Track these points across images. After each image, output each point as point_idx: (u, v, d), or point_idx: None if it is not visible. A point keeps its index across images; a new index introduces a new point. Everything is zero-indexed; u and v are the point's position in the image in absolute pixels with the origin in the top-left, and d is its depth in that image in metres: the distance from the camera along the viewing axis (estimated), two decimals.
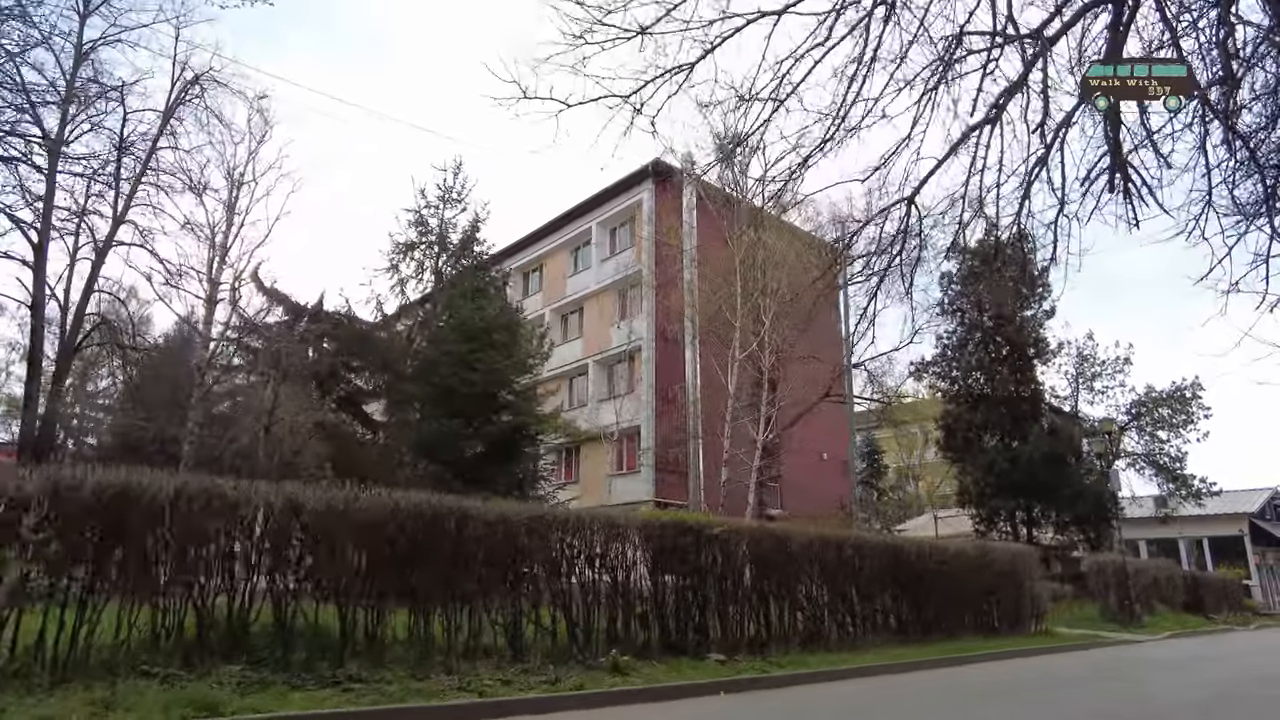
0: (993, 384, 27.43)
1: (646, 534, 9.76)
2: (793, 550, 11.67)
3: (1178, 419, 29.18)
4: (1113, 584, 20.27)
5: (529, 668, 8.14)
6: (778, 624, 11.22)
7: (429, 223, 22.80)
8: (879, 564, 12.91)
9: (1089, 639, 16.34)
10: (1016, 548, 16.61)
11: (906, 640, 12.97)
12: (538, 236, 43.41)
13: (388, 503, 7.58)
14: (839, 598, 12.26)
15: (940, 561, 14.03)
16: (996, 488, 26.37)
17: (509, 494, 14.02)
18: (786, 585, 11.50)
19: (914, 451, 49.50)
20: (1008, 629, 15.67)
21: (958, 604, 14.57)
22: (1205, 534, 35.72)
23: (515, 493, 14.88)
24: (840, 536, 12.46)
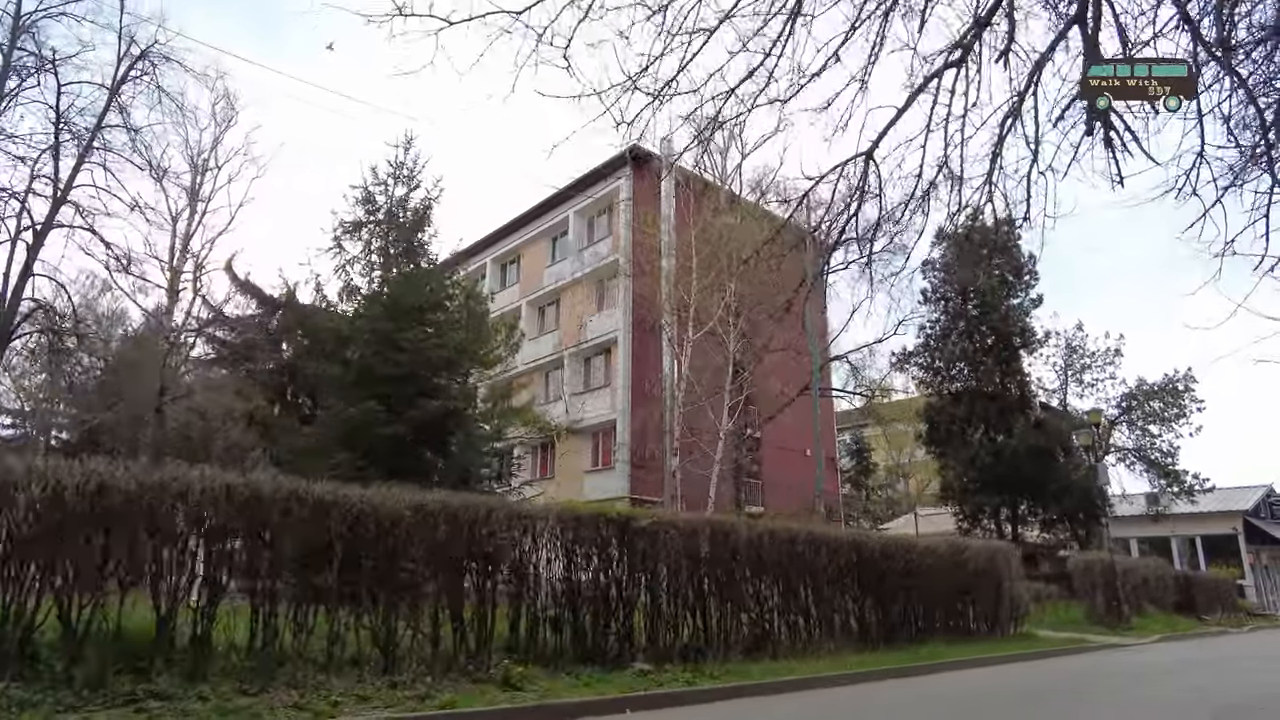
0: (977, 375, 26.23)
1: (561, 526, 8.52)
2: (737, 545, 10.44)
3: (1170, 412, 28.04)
4: (1100, 584, 19.09)
5: (400, 680, 6.91)
6: (718, 628, 9.99)
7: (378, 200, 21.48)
8: (839, 561, 11.70)
9: (1072, 643, 15.15)
10: (994, 544, 15.41)
11: (868, 645, 11.75)
12: (514, 227, 42.28)
13: (211, 482, 6.32)
14: (791, 598, 11.04)
15: (908, 559, 12.82)
16: (980, 483, 25.16)
17: (451, 488, 12.72)
18: (729, 584, 10.27)
19: (904, 449, 48.67)
20: (984, 632, 14.48)
21: (928, 605, 13.36)
22: (1198, 532, 34.63)
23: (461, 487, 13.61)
24: (793, 530, 11.24)
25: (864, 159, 9.16)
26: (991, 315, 26.26)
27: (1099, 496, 22.76)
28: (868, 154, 9.08)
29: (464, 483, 14.83)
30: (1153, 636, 17.87)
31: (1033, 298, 27.37)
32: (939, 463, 27.87)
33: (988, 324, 26.60)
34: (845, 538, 11.81)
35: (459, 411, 13.79)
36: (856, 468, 51.47)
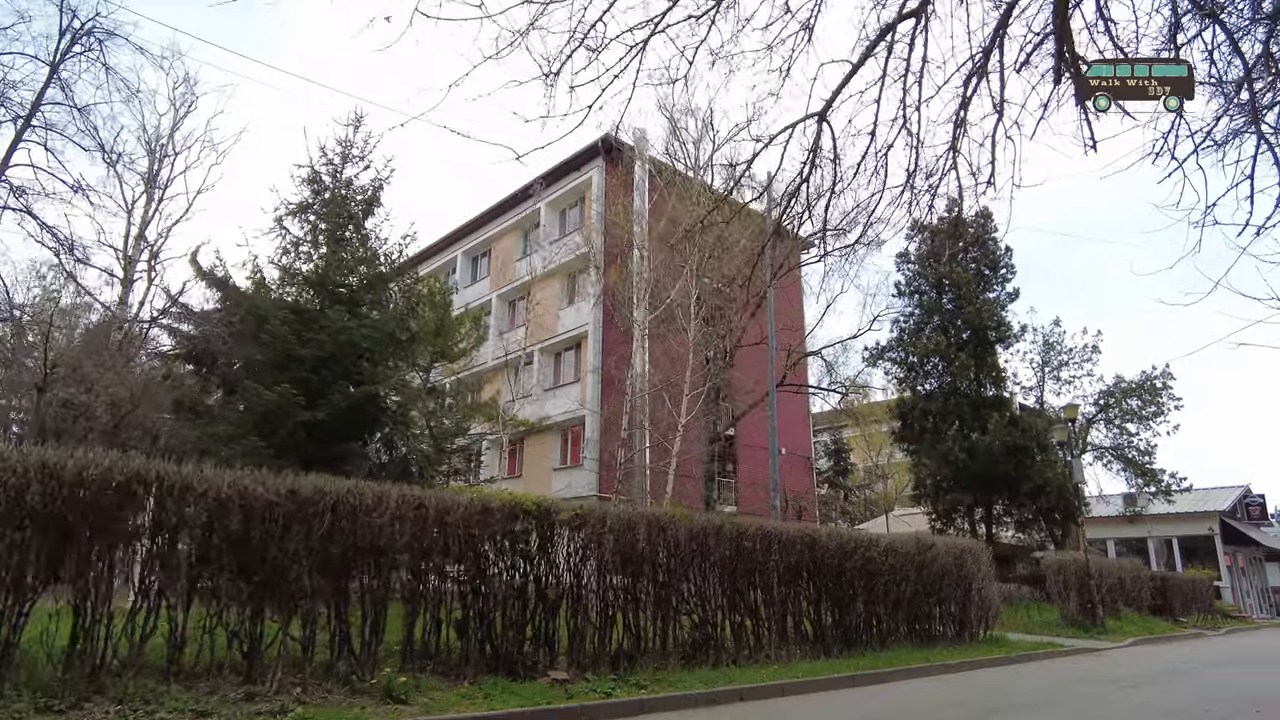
0: (951, 370, 25.48)
1: (468, 519, 7.55)
2: (678, 541, 9.53)
3: (1147, 410, 27.45)
4: (1074, 585, 18.35)
5: (259, 691, 5.94)
6: (653, 632, 9.07)
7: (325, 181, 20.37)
8: (791, 559, 10.81)
9: (1042, 648, 14.35)
10: (963, 542, 14.60)
11: (823, 650, 10.88)
12: (485, 220, 41.36)
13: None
14: (738, 600, 10.14)
15: (868, 557, 11.95)
16: (954, 481, 24.40)
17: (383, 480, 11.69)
18: (668, 584, 9.36)
19: (881, 450, 48.42)
20: (951, 636, 13.65)
21: (891, 607, 12.51)
22: (1175, 533, 34.13)
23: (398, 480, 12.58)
24: (741, 525, 10.33)
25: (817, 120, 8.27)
26: (966, 309, 25.54)
27: (1075, 495, 22.06)
28: (821, 114, 8.21)
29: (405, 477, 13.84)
30: (1127, 640, 17.15)
31: (1009, 291, 26.67)
32: (912, 460, 27.11)
33: (963, 318, 25.87)
34: (798, 533, 10.93)
35: (378, 398, 12.66)
36: (834, 468, 51.10)
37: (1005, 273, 26.78)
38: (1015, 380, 27.00)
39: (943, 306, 26.59)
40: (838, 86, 7.92)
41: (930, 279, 26.82)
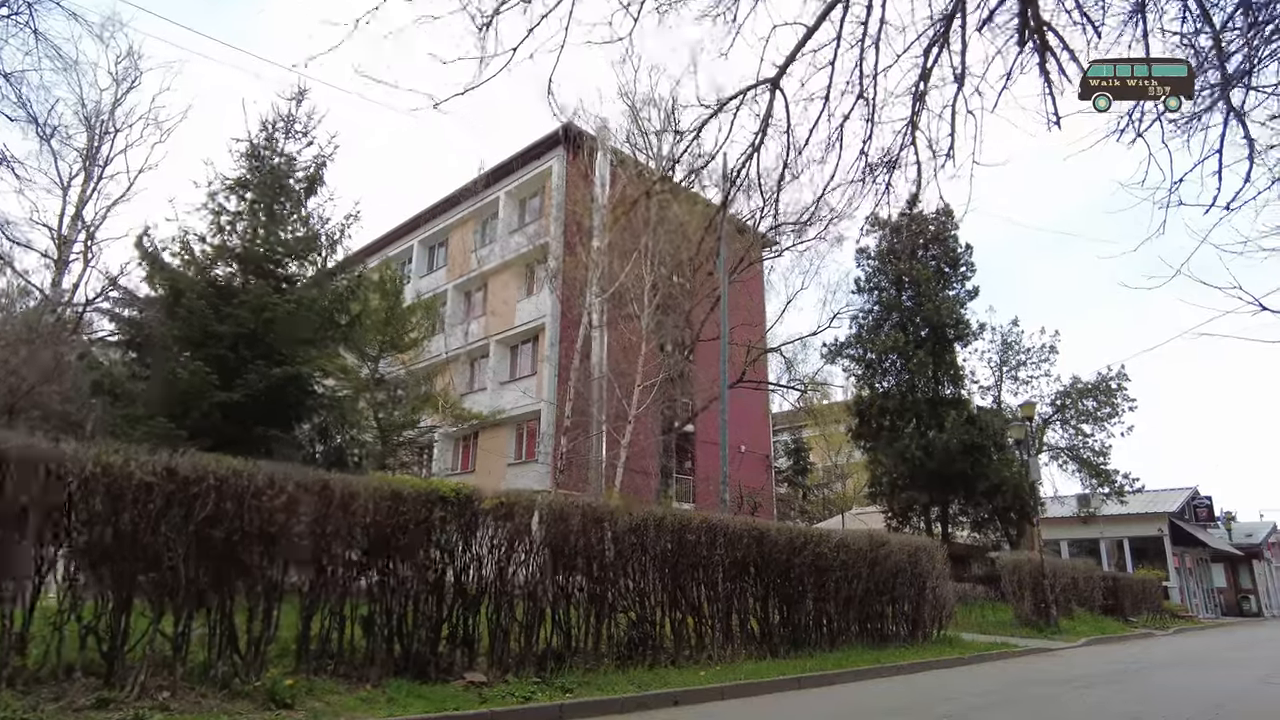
0: (910, 367, 25.22)
1: (376, 505, 6.83)
2: (616, 533, 8.92)
3: (1102, 411, 27.49)
4: (1029, 585, 18.12)
5: (116, 698, 5.18)
6: (585, 630, 8.44)
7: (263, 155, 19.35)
8: (738, 554, 10.24)
9: (996, 648, 14.01)
10: (917, 540, 14.21)
11: (769, 650, 10.35)
12: (443, 208, 40.35)
13: None
14: (680, 596, 9.55)
15: (819, 552, 11.45)
16: (910, 478, 24.12)
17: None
18: (603, 579, 8.73)
19: (841, 449, 48.59)
20: (904, 636, 13.23)
21: (842, 605, 12.03)
22: (1126, 534, 34.46)
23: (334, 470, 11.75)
24: (684, 517, 9.76)
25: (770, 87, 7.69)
26: (925, 306, 25.29)
27: (1031, 494, 21.93)
28: (774, 81, 7.63)
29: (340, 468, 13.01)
30: (1080, 640, 16.95)
31: (968, 290, 26.52)
32: (869, 458, 26.82)
33: (921, 315, 25.63)
34: (745, 527, 10.39)
35: (302, 379, 11.78)
36: (794, 467, 51.09)
37: (965, 270, 26.64)
38: (973, 379, 26.90)
39: (902, 304, 26.34)
40: (792, 51, 7.38)
41: (890, 275, 26.56)
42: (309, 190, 19.91)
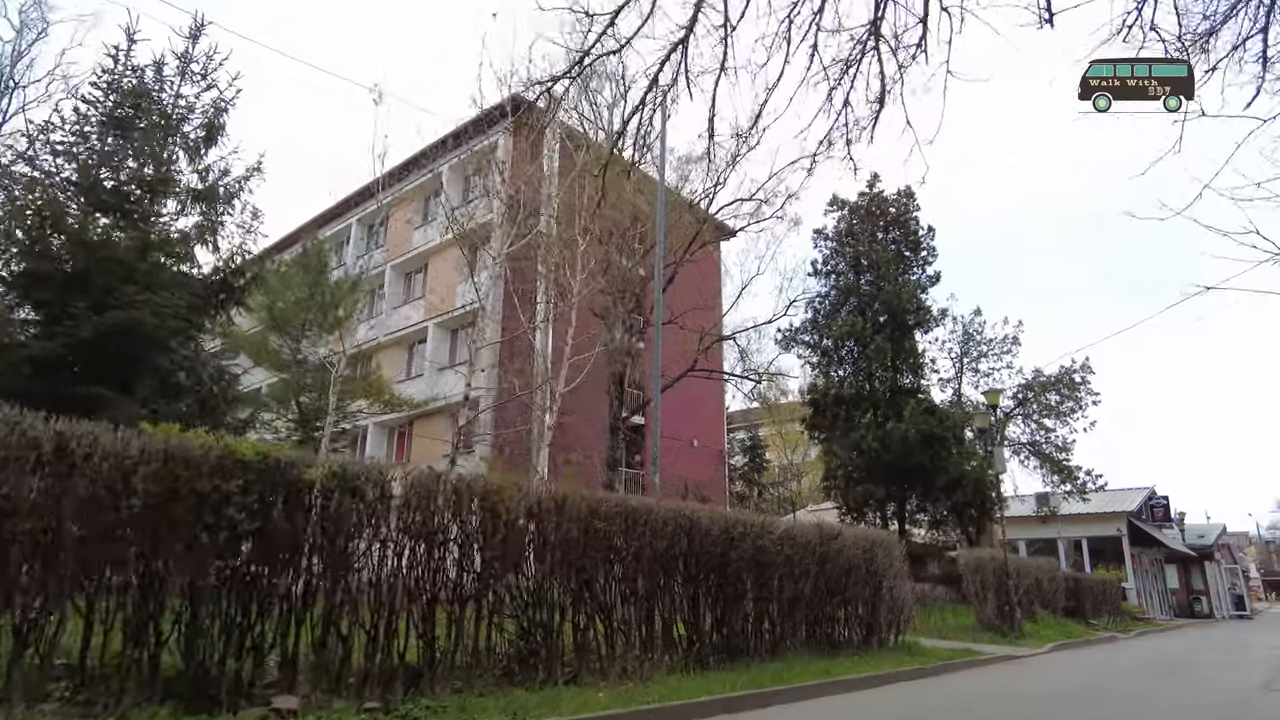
0: (867, 354, 23.74)
1: (131, 470, 4.92)
2: (510, 519, 7.09)
3: (1065, 406, 26.39)
4: (992, 585, 16.70)
5: None
6: (456, 639, 6.59)
7: (154, 95, 17.08)
8: (661, 545, 8.48)
9: (960, 655, 12.46)
10: (873, 533, 12.60)
11: (698, 662, 8.59)
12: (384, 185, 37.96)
13: None
14: (585, 596, 7.75)
15: (760, 545, 9.74)
16: (865, 471, 22.63)
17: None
18: (485, 574, 6.90)
19: (797, 448, 47.79)
20: (857, 643, 11.61)
21: (787, 607, 10.35)
22: (1084, 534, 33.56)
23: None
24: (594, 499, 7.95)
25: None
26: (885, 289, 23.84)
27: (994, 487, 20.57)
28: None
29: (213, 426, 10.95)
30: (1046, 645, 15.54)
31: (930, 275, 25.15)
32: (822, 449, 25.29)
33: (880, 300, 24.18)
34: (671, 513, 8.65)
35: (141, 326, 9.66)
36: (749, 464, 50.17)
37: (926, 255, 25.29)
38: (933, 368, 25.56)
39: (860, 288, 24.88)
40: None
41: (848, 258, 25.10)
42: (208, 139, 17.79)
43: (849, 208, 25.34)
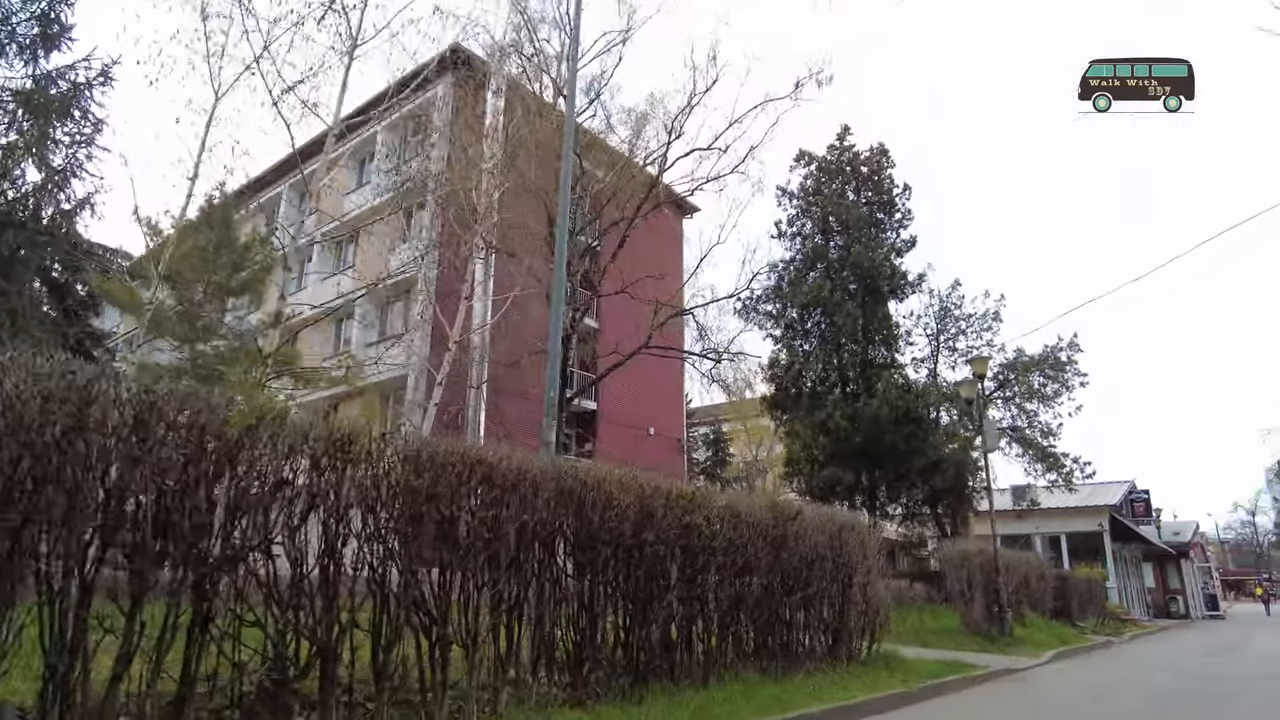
0: (835, 323, 21.10)
1: None
2: (264, 472, 4.29)
3: (1050, 388, 24.06)
4: (979, 584, 14.18)
5: None
6: (144, 673, 3.76)
7: None
8: (536, 518, 5.71)
9: (950, 670, 9.83)
10: (843, 515, 9.89)
11: (591, 693, 5.85)
12: (316, 148, 34.88)
13: None
14: (412, 595, 4.95)
15: (689, 524, 7.01)
16: (832, 454, 19.99)
17: None
18: (224, 558, 4.08)
19: (762, 441, 45.98)
20: (821, 655, 8.97)
21: (728, 610, 7.67)
22: (1063, 530, 31.43)
23: None
24: (427, 447, 5.14)
25: None
26: (855, 250, 21.22)
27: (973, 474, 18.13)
28: None
29: None
30: (1044, 654, 13.04)
31: (905, 239, 22.62)
32: (784, 430, 22.60)
33: (851, 263, 21.59)
34: (553, 472, 5.88)
35: None
36: (712, 459, 48.97)
37: (902, 218, 22.80)
38: (908, 340, 22.99)
39: (828, 253, 22.28)
40: None
41: (816, 218, 22.50)
42: (44, 39, 14.88)
43: (817, 163, 22.77)
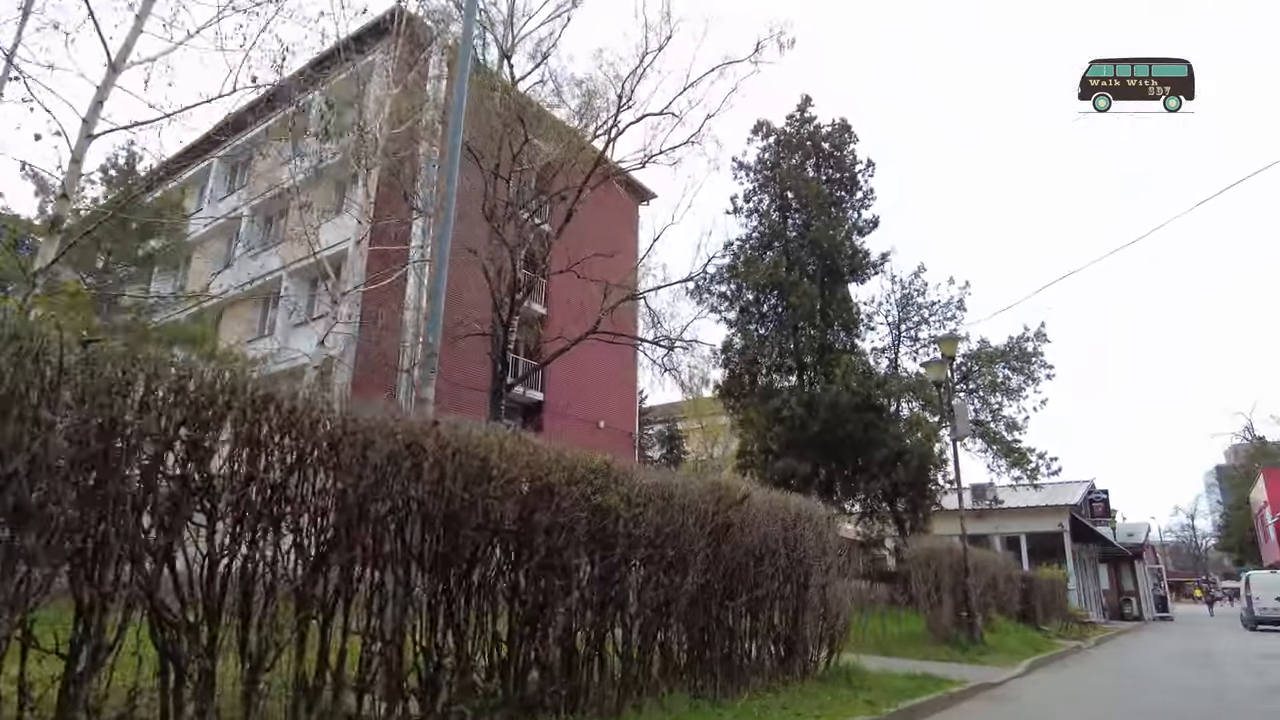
0: (792, 303, 19.60)
1: None
2: None
3: (1015, 380, 22.90)
4: (948, 585, 12.74)
5: None
6: None
7: None
8: (356, 481, 3.99)
9: (923, 689, 8.25)
10: (797, 502, 8.23)
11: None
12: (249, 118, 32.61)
13: None
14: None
15: (600, 506, 5.32)
16: (787, 443, 18.46)
17: None
18: None
19: (718, 440, 44.98)
20: (770, 670, 7.37)
21: (653, 617, 6.01)
22: (1023, 530, 30.48)
23: None
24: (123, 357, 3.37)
25: None
26: (815, 227, 19.75)
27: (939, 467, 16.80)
28: None
29: None
30: (1020, 664, 11.62)
31: (868, 218, 21.24)
32: (737, 418, 20.99)
33: (810, 242, 20.11)
34: (381, 426, 4.12)
35: None
36: (666, 456, 48.07)
37: (864, 197, 21.43)
38: (869, 325, 21.59)
39: (786, 231, 20.80)
40: None
41: (774, 194, 21.01)
42: None
43: (776, 135, 21.31)
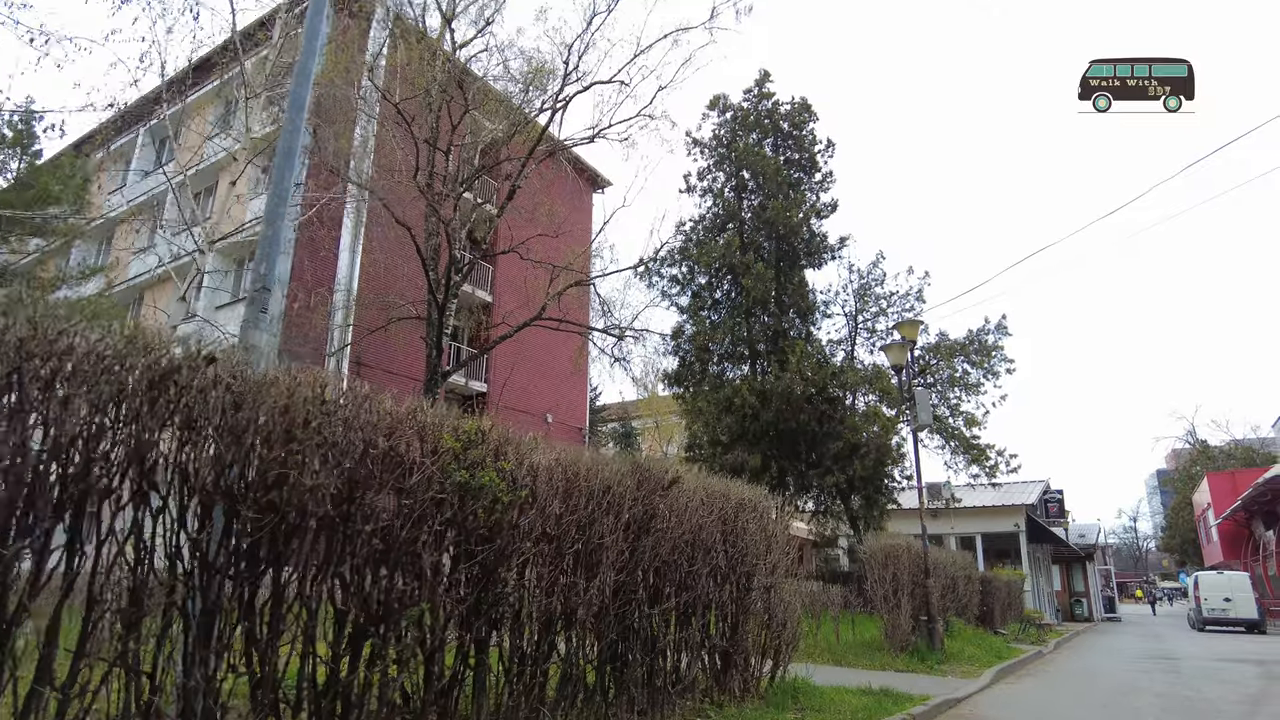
0: (744, 288, 18.49)
1: None
2: None
3: (974, 375, 22.18)
4: (906, 588, 11.69)
5: None
6: None
7: None
8: (121, 438, 2.71)
9: (880, 706, 7.14)
10: (739, 491, 7.05)
11: None
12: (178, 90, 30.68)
13: None
14: None
15: (464, 485, 4.09)
16: (738, 434, 17.36)
17: None
18: None
19: (672, 438, 43.96)
20: (703, 689, 6.18)
21: (549, 626, 4.78)
22: (978, 530, 29.92)
23: None
24: None
25: None
26: (772, 209, 18.68)
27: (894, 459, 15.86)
28: None
29: None
30: (985, 673, 10.62)
31: (827, 202, 20.25)
32: (685, 408, 19.80)
33: (765, 223, 19.05)
34: (145, 349, 2.93)
35: None
36: (619, 453, 46.82)
37: (823, 179, 20.45)
38: (825, 313, 20.60)
39: (741, 211, 19.72)
40: None
41: (729, 172, 19.92)
42: None
43: (732, 110, 20.24)
